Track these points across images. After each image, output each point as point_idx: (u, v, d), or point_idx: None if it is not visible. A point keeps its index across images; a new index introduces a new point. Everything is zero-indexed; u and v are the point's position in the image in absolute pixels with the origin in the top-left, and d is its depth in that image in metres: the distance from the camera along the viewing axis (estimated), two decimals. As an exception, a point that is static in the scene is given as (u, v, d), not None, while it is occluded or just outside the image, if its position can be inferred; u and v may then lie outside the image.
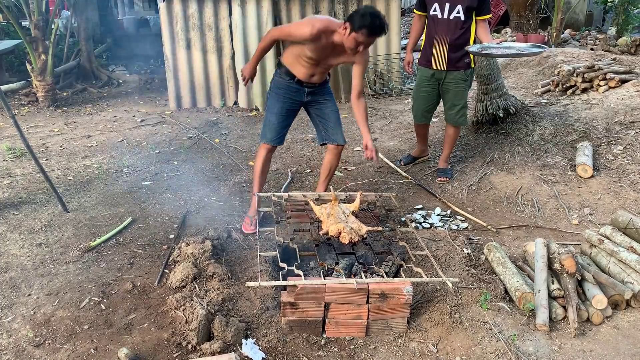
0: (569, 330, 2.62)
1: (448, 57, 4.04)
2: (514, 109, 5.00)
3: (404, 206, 3.93)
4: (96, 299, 2.84)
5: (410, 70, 4.38)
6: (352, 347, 2.56)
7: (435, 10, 4.01)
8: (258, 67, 6.32)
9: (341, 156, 3.82)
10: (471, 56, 4.06)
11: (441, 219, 3.75)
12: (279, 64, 3.47)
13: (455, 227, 3.65)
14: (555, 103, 5.74)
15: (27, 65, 6.72)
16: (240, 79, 3.69)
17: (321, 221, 3.00)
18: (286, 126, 3.55)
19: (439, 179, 4.38)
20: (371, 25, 2.98)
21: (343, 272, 2.73)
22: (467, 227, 3.66)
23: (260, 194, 3.57)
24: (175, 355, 2.45)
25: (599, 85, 5.72)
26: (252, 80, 3.58)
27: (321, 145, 3.69)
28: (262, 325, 2.66)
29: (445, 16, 3.97)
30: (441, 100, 4.34)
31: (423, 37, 4.25)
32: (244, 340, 2.53)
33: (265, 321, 2.68)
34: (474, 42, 4.06)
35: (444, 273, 2.89)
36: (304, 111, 3.66)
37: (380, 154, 4.95)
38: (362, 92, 3.44)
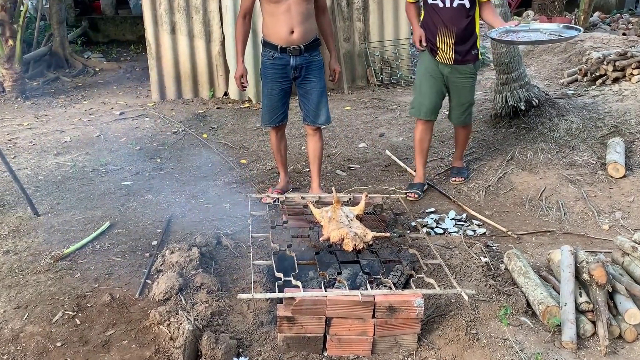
0: (599, 349, 2.62)
1: (455, 50, 3.93)
2: (537, 101, 5.00)
3: (414, 209, 3.93)
4: (70, 312, 2.84)
5: (422, 48, 4.04)
6: (356, 366, 2.56)
7: None
8: (251, 55, 6.40)
9: (342, 150, 3.88)
10: (479, 48, 4.00)
11: (456, 224, 3.75)
12: (262, 43, 3.74)
13: (472, 233, 3.65)
14: (583, 94, 5.74)
15: (-7, 51, 6.73)
16: (238, 87, 3.86)
17: (322, 226, 3.00)
18: (281, 107, 3.83)
19: (453, 179, 4.37)
20: None
21: (346, 283, 2.72)
22: (484, 233, 3.66)
23: (255, 195, 3.58)
24: (158, 376, 2.45)
25: (632, 74, 5.72)
26: (246, 81, 3.82)
27: (304, 123, 3.92)
28: (255, 342, 2.66)
29: (448, 4, 3.83)
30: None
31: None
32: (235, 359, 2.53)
33: (259, 338, 2.67)
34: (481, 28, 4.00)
35: (459, 284, 2.89)
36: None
37: (387, 152, 4.96)
38: (327, 9, 3.85)
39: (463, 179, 4.36)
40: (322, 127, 3.95)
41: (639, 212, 3.82)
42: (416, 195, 4.11)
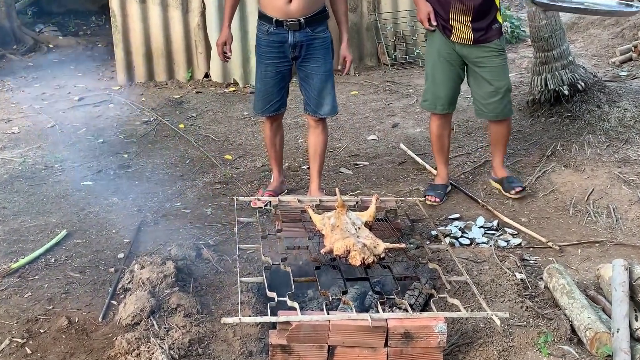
0: (659, 384, 2.62)
1: (473, 28, 3.84)
2: (583, 84, 4.99)
3: (435, 215, 3.93)
4: (19, 339, 2.83)
5: (431, 27, 3.93)
6: (365, 405, 2.56)
7: None
8: (237, 29, 6.40)
9: (347, 144, 3.88)
10: (500, 21, 3.90)
11: (485, 233, 3.75)
12: (258, 15, 3.73)
13: (505, 244, 3.65)
14: (639, 76, 5.74)
15: None
16: (219, 56, 3.87)
17: (323, 235, 3.00)
18: (277, 92, 3.81)
19: (512, 192, 4.13)
20: None
21: (353, 304, 2.72)
22: (520, 244, 3.66)
23: (242, 198, 3.57)
24: (126, 417, 2.46)
25: (698, 52, 5.73)
26: (229, 50, 3.82)
27: (305, 113, 3.95)
28: (243, 376, 2.66)
29: None
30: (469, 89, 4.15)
31: None
32: (219, 397, 2.53)
33: (247, 370, 2.68)
34: None
35: (490, 306, 2.89)
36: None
37: (402, 145, 4.96)
38: None
39: (523, 188, 4.14)
40: (325, 119, 3.94)
41: None
42: (437, 199, 4.11)
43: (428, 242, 3.42)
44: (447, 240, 3.57)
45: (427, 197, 4.11)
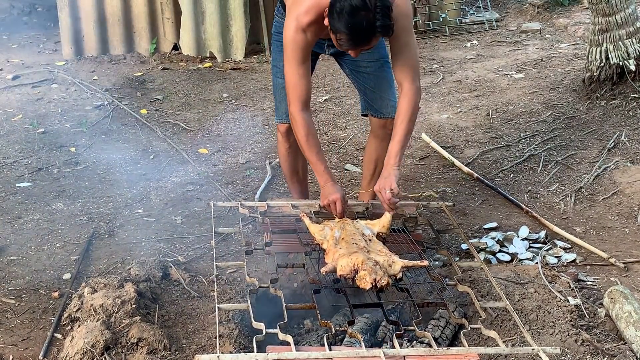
0: None
1: None
2: (655, 58, 4.97)
3: (466, 224, 3.93)
4: (-62, 384, 2.85)
5: None
6: None
7: None
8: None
9: (354, 134, 3.82)
10: None
11: (530, 247, 3.75)
12: (281, 1, 3.54)
13: (555, 261, 3.64)
14: None
15: None
16: (335, 214, 3.27)
17: (324, 250, 3.00)
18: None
19: None
20: (351, 28, 2.86)
21: (362, 337, 2.72)
22: (574, 261, 3.65)
23: (222, 203, 3.57)
24: None
25: None
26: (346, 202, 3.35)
27: (363, 116, 3.78)
28: None
29: None
30: None
31: None
32: None
33: (228, 422, 2.68)
34: None
35: (536, 339, 2.89)
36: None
37: (424, 135, 4.95)
38: (416, 78, 3.36)
39: None
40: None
41: None
42: None
43: (457, 259, 3.41)
44: (482, 256, 3.57)
45: None
